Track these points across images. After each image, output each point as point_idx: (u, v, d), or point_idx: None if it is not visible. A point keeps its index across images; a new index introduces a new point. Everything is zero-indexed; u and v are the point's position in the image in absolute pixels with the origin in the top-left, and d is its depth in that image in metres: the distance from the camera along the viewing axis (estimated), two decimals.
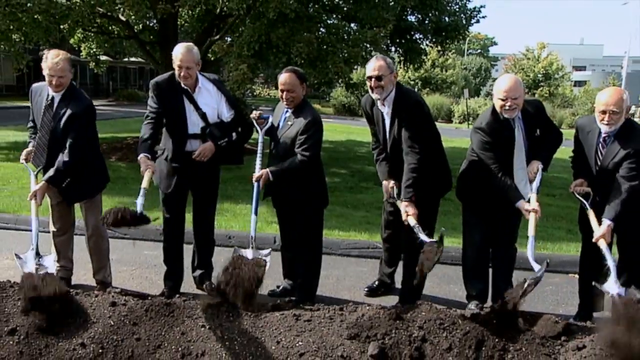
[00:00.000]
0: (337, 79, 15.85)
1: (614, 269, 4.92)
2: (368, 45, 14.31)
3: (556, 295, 6.49)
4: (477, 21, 17.44)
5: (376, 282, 6.33)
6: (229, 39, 16.74)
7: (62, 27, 13.85)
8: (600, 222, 5.07)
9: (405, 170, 5.31)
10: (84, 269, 6.16)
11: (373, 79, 5.30)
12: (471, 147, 5.61)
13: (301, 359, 3.85)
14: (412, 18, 17.15)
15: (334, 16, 15.12)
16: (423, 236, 4.96)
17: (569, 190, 5.51)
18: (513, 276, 5.57)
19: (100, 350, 3.89)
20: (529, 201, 5.17)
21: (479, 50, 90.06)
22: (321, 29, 14.29)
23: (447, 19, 16.98)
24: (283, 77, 5.48)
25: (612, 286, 4.79)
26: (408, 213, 5.17)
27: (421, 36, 17.71)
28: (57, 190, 5.60)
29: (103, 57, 21.74)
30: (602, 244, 4.98)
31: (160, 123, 5.71)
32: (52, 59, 5.34)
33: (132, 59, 43.98)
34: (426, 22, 16.98)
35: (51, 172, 5.45)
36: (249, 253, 5.25)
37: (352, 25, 14.95)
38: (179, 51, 5.47)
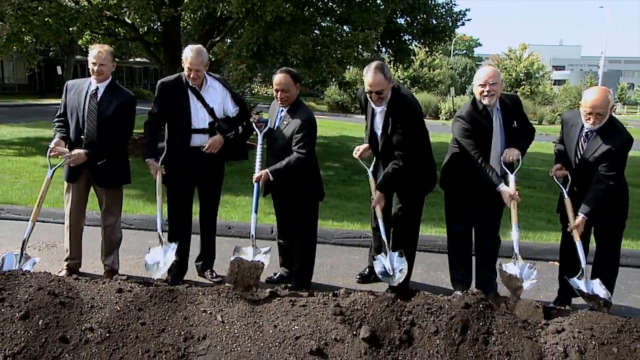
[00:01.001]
0: (331, 78, 15.87)
1: (584, 263, 4.95)
2: (360, 47, 14.31)
3: (537, 282, 6.48)
4: (463, 24, 17.46)
5: (367, 269, 6.32)
6: (228, 41, 16.70)
7: (71, 29, 13.82)
8: (576, 214, 5.11)
9: (390, 166, 5.39)
10: (92, 258, 6.16)
11: (373, 94, 5.26)
12: (453, 139, 5.63)
13: (297, 341, 3.85)
14: (401, 20, 17.14)
15: (328, 19, 15.10)
16: (382, 227, 5.31)
17: (549, 175, 5.49)
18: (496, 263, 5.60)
19: (107, 334, 3.88)
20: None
21: (464, 51, 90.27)
22: (316, 31, 14.27)
23: (434, 21, 16.97)
24: (278, 77, 5.44)
25: (581, 282, 4.98)
26: (378, 202, 5.45)
27: (410, 37, 17.70)
28: (89, 172, 5.67)
29: None
30: (575, 236, 5.03)
31: (161, 124, 5.75)
32: (97, 49, 5.57)
33: (138, 59, 43.99)
34: (415, 24, 16.98)
35: (96, 147, 5.56)
36: (249, 250, 5.24)
37: (345, 27, 14.93)
38: (189, 54, 5.47)
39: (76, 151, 5.53)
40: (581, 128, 5.21)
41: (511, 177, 5.31)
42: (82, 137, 5.59)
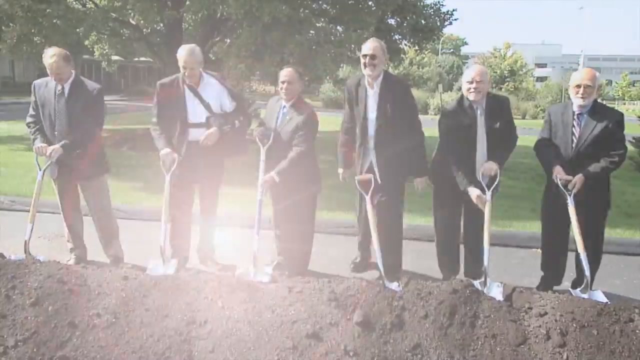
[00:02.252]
0: (326, 76, 15.85)
1: (587, 272, 4.86)
2: (353, 46, 14.31)
3: (521, 268, 6.49)
4: (450, 23, 17.48)
5: (358, 258, 6.33)
6: (228, 41, 16.66)
7: (78, 30, 13.76)
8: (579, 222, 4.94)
9: (414, 145, 5.55)
10: (99, 246, 6.12)
11: (367, 57, 5.33)
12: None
13: (294, 326, 3.84)
14: (392, 21, 17.15)
15: (322, 20, 15.09)
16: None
17: (552, 177, 5.21)
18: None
19: (113, 320, 3.87)
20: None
21: (451, 50, 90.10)
22: (311, 31, 14.25)
23: (423, 21, 16.99)
24: (285, 70, 5.52)
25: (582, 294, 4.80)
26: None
27: (400, 37, 17.71)
28: (67, 168, 5.63)
29: (115, 57, 21.62)
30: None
31: (165, 124, 5.68)
32: (48, 59, 5.45)
33: (142, 58, 43.72)
34: (404, 24, 17.01)
35: (69, 139, 5.49)
36: (251, 269, 5.19)
37: (339, 28, 14.93)
38: (183, 54, 5.45)
39: (51, 147, 5.47)
40: (572, 112, 5.18)
41: (487, 195, 5.18)
42: (55, 133, 5.57)
